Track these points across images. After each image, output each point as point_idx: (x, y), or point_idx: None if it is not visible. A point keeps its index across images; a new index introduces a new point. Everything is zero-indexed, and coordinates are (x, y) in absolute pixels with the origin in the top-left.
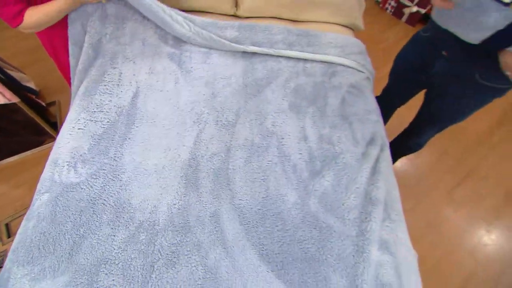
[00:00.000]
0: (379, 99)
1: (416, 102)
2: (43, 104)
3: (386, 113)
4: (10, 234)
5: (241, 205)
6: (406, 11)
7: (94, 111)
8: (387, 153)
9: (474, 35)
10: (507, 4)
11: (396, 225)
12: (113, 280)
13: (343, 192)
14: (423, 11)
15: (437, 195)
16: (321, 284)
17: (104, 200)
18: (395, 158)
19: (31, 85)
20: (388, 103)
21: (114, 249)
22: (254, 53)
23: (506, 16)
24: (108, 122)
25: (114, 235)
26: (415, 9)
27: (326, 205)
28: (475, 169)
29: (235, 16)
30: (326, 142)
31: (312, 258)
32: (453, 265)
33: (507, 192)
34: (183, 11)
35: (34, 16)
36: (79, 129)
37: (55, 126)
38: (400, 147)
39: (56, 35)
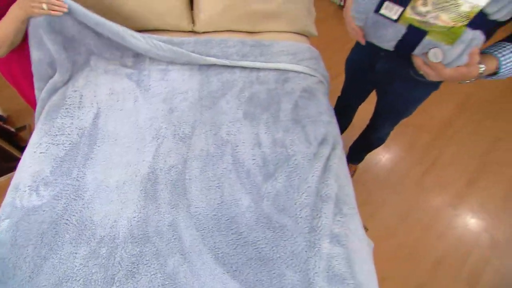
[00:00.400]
0: (339, 99)
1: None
2: (12, 129)
3: (348, 112)
4: None
5: (197, 213)
6: None
7: (56, 134)
8: (339, 151)
9: (386, 44)
10: (395, 20)
11: (348, 218)
12: None
13: (295, 192)
14: None
15: (408, 185)
16: (276, 281)
17: (67, 219)
18: (362, 154)
19: None
20: (347, 102)
21: (76, 266)
22: (210, 67)
23: (398, 30)
24: (70, 144)
25: (76, 253)
26: None
27: (279, 205)
28: (440, 157)
29: (193, 32)
30: (279, 146)
31: (266, 257)
32: (426, 249)
33: (469, 177)
34: (141, 31)
35: None
36: (41, 153)
37: None
38: (364, 143)
39: (14, 65)
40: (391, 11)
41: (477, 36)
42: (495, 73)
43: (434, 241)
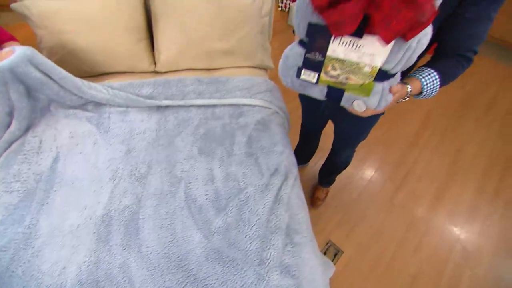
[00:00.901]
0: (302, 126)
1: None
2: None
3: (312, 137)
4: None
5: (148, 252)
6: None
7: (11, 182)
8: (291, 181)
9: (316, 96)
10: (315, 83)
11: (300, 247)
12: None
13: (245, 225)
14: None
15: (381, 202)
16: None
17: (12, 271)
18: (332, 177)
19: None
20: (309, 129)
21: None
22: (167, 106)
23: (321, 89)
24: (25, 190)
25: None
26: None
27: (229, 239)
28: (409, 172)
29: (154, 72)
30: (232, 180)
31: None
32: (403, 265)
33: (437, 189)
34: (108, 73)
35: None
36: None
37: None
38: (330, 166)
39: None
40: (309, 76)
41: (386, 86)
42: (421, 93)
43: (410, 256)
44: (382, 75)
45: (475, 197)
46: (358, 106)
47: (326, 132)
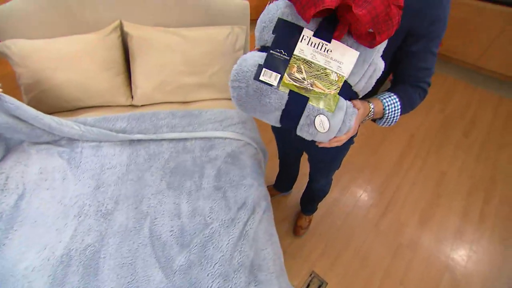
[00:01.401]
0: (279, 155)
1: None
2: None
3: (290, 166)
4: None
5: None
6: None
7: None
8: (258, 215)
9: (271, 117)
10: (276, 87)
11: (265, 286)
12: None
13: (208, 263)
14: None
15: (366, 228)
16: None
17: None
18: (313, 205)
19: None
20: (285, 158)
21: None
22: (140, 140)
23: (281, 96)
24: None
25: None
26: None
27: (191, 278)
28: (394, 197)
29: (132, 105)
30: (198, 215)
31: None
32: None
33: (423, 213)
34: (85, 107)
35: None
36: None
37: None
38: (310, 194)
39: None
40: (270, 77)
41: (350, 104)
42: (383, 116)
43: (397, 285)
44: (346, 90)
45: (460, 221)
46: (321, 124)
47: (306, 158)
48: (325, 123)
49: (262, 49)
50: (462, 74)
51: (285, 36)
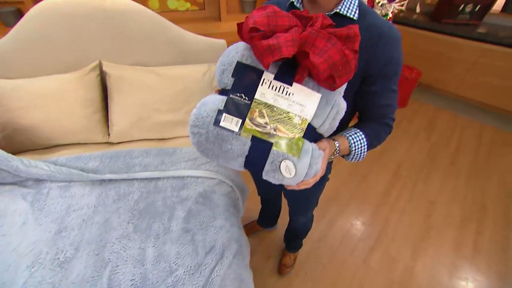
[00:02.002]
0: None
1: None
2: None
3: (270, 203)
4: None
5: None
6: None
7: None
8: (228, 260)
9: (233, 163)
10: (238, 133)
11: None
12: None
13: None
14: None
15: (355, 264)
16: None
17: None
18: (297, 241)
19: None
20: (265, 195)
21: None
22: (111, 180)
23: (243, 143)
24: None
25: None
26: None
27: None
28: (383, 230)
29: (108, 143)
30: (164, 261)
31: None
32: None
33: (414, 246)
34: (60, 145)
35: None
36: None
37: None
38: (292, 231)
39: None
40: (231, 123)
41: (316, 147)
42: (350, 152)
43: None
44: (311, 132)
45: (454, 255)
46: (287, 169)
47: None
48: (291, 169)
49: (223, 92)
50: (444, 102)
51: (245, 80)
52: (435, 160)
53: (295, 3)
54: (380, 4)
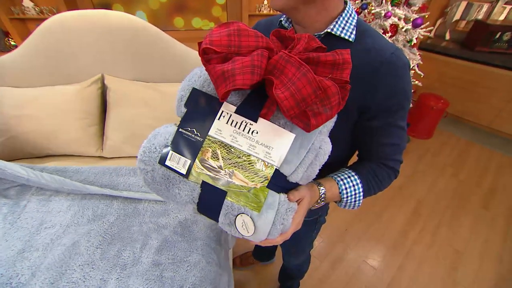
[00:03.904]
0: None
1: None
2: None
3: None
4: None
5: None
6: None
7: None
8: None
9: (186, 209)
10: (185, 176)
11: None
12: None
13: None
14: None
15: None
16: None
17: None
18: (293, 283)
19: None
20: None
21: None
22: (91, 198)
23: (192, 188)
24: None
25: None
26: None
27: None
28: (395, 279)
29: (101, 157)
30: None
31: None
32: None
33: None
34: (53, 155)
35: None
36: None
37: None
38: (286, 273)
39: None
40: (178, 162)
41: (285, 200)
42: (341, 200)
43: None
44: (279, 181)
45: None
46: (244, 226)
47: None
48: (249, 225)
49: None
50: (476, 136)
51: (200, 111)
52: (463, 201)
53: (283, 22)
54: (404, 30)
